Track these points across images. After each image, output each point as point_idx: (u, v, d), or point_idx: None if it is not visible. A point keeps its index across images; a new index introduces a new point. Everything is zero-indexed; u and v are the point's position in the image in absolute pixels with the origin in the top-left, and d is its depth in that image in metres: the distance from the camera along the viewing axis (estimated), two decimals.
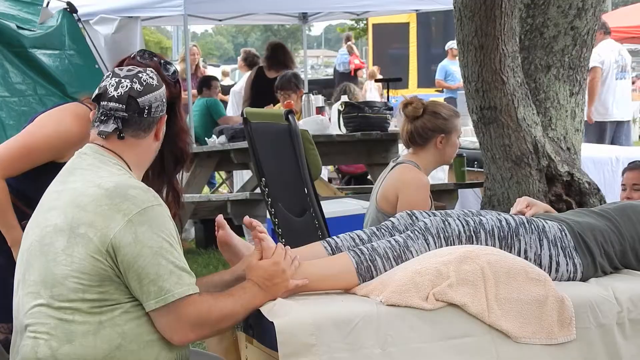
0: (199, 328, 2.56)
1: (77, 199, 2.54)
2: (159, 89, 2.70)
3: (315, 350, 2.62)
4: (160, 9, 9.81)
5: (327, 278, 2.90)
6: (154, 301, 2.49)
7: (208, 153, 7.20)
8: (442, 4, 10.55)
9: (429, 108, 4.17)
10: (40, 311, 2.52)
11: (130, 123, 2.66)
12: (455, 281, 2.77)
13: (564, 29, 4.81)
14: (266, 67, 8.74)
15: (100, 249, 2.48)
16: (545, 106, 4.82)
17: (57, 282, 2.50)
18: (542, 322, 2.82)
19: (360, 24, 33.39)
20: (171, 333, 2.54)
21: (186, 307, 2.52)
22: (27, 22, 6.41)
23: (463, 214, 3.23)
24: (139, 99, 2.64)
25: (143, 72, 2.69)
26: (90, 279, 2.49)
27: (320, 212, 4.20)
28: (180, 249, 2.58)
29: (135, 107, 2.64)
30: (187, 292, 2.52)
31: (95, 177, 2.57)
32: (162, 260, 2.49)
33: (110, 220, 2.49)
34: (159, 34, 41.48)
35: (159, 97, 2.69)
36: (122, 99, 2.63)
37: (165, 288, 2.49)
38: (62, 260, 2.50)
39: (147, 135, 2.70)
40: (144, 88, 2.65)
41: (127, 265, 2.48)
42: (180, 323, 2.52)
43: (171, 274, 2.49)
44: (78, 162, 2.67)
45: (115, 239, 2.48)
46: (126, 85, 2.64)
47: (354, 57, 18.76)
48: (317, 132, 6.35)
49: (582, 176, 4.73)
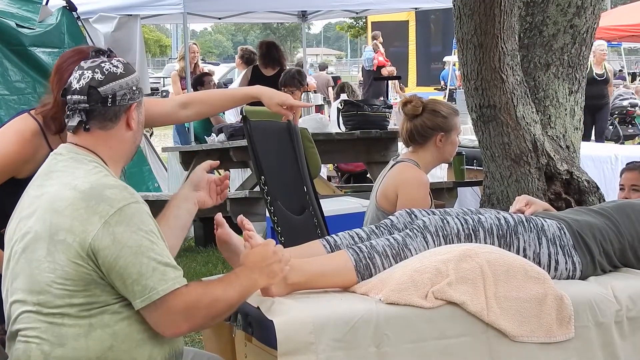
0: (191, 318, 2.50)
1: (54, 203, 2.50)
2: (125, 76, 2.62)
3: (314, 349, 2.62)
4: (160, 7, 9.81)
5: (326, 275, 2.90)
6: (139, 300, 2.45)
7: (207, 151, 7.19)
8: (441, 2, 10.57)
9: (428, 106, 4.17)
10: (29, 316, 2.50)
11: (95, 114, 2.59)
12: (455, 279, 2.77)
13: (563, 27, 4.81)
14: (262, 65, 8.77)
15: (81, 253, 2.45)
16: (545, 104, 4.82)
17: (43, 290, 2.48)
18: (541, 321, 2.83)
19: (359, 22, 33.42)
20: (163, 327, 2.50)
21: (173, 301, 2.47)
22: (27, 20, 6.41)
23: (462, 212, 3.23)
24: (100, 88, 2.57)
25: (107, 62, 2.63)
26: (75, 284, 2.46)
27: (319, 211, 4.20)
28: (164, 244, 2.53)
29: (97, 97, 2.58)
30: (173, 287, 2.47)
31: (71, 179, 2.53)
32: (143, 259, 2.45)
33: (87, 224, 2.45)
34: (158, 32, 41.47)
35: (125, 85, 2.61)
36: (83, 91, 2.58)
37: (149, 286, 2.44)
38: (45, 267, 2.47)
39: (116, 125, 2.62)
40: (105, 77, 2.58)
41: (108, 267, 2.45)
42: (169, 316, 2.48)
43: (154, 271, 2.45)
44: (54, 164, 2.63)
45: (94, 242, 2.44)
46: (87, 76, 2.59)
47: (378, 54, 18.74)
48: (316, 131, 6.36)
49: (581, 174, 4.73)
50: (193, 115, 3.63)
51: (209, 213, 6.91)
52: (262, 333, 2.80)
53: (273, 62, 8.73)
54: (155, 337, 2.56)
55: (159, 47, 44.19)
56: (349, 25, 36.58)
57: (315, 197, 4.20)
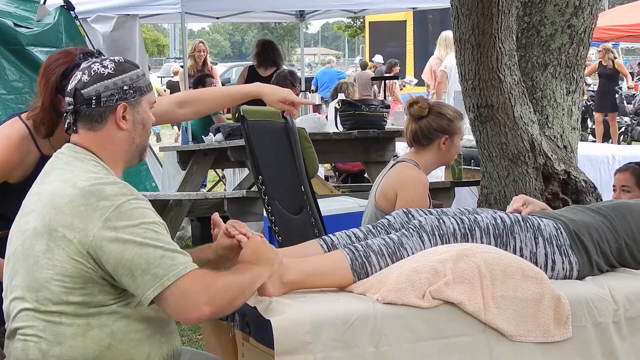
0: (211, 299, 2.44)
1: (53, 200, 2.50)
2: (113, 77, 2.60)
3: (312, 348, 2.62)
4: (158, 7, 9.80)
5: (322, 274, 2.91)
6: (151, 290, 2.41)
7: (205, 151, 7.20)
8: (439, 2, 10.57)
9: (434, 108, 4.18)
10: (27, 315, 2.50)
11: (81, 116, 2.60)
12: (452, 279, 2.77)
13: (561, 27, 4.81)
14: (257, 65, 8.77)
15: (81, 251, 2.44)
16: (542, 104, 4.82)
17: (42, 286, 2.47)
18: (538, 320, 2.83)
19: (357, 22, 33.42)
20: (185, 313, 2.44)
21: (188, 283, 2.42)
22: (24, 19, 6.41)
23: (459, 212, 3.24)
24: (83, 90, 2.58)
25: (97, 62, 2.63)
26: (73, 281, 2.45)
27: (317, 210, 4.20)
28: (169, 236, 2.50)
29: (81, 98, 2.58)
30: (185, 271, 2.43)
31: (71, 176, 2.53)
32: (149, 249, 2.42)
33: (88, 221, 2.44)
34: (156, 32, 41.47)
35: (112, 85, 2.59)
36: (71, 92, 2.60)
37: (160, 274, 2.41)
38: (44, 264, 2.47)
39: (104, 125, 2.60)
40: (90, 78, 2.58)
41: (115, 263, 2.42)
42: (188, 299, 2.42)
43: (162, 258, 2.42)
44: (55, 162, 2.63)
45: (95, 239, 2.43)
46: (77, 78, 2.61)
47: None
48: (314, 130, 6.37)
49: (579, 174, 4.73)
50: (190, 114, 3.61)
51: (206, 213, 6.95)
52: (259, 333, 2.80)
53: (268, 61, 8.72)
54: (153, 337, 2.56)
55: (157, 47, 44.19)
56: (347, 25, 36.59)
57: (312, 197, 4.20)
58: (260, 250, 2.72)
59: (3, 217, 3.15)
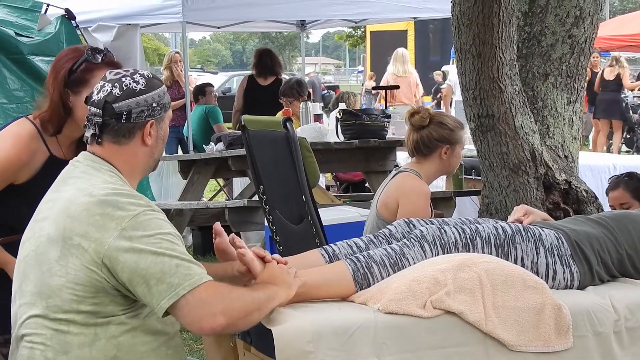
0: (226, 309, 2.42)
1: (68, 208, 2.49)
2: (145, 93, 2.59)
3: (313, 358, 2.61)
4: (159, 16, 9.81)
5: (324, 285, 2.90)
6: (166, 299, 2.39)
7: (206, 160, 7.20)
8: (439, 12, 10.58)
9: (435, 118, 4.19)
10: (36, 322, 2.50)
11: (108, 129, 2.59)
12: (453, 289, 2.77)
13: (562, 37, 4.81)
14: (256, 75, 8.76)
15: (96, 260, 2.43)
16: (543, 114, 4.82)
17: (53, 293, 2.47)
18: (539, 330, 2.82)
19: (358, 32, 33.43)
20: (200, 322, 2.40)
21: (204, 292, 2.40)
22: (25, 28, 6.41)
23: (460, 221, 3.23)
24: (115, 104, 2.56)
25: (127, 76, 2.60)
26: (85, 290, 2.45)
27: (318, 220, 4.20)
28: (183, 246, 2.49)
29: (111, 112, 2.56)
30: (201, 281, 2.41)
31: (88, 185, 2.52)
32: (164, 258, 2.41)
33: (103, 230, 2.43)
34: (157, 41, 41.49)
35: (143, 102, 2.58)
36: (99, 104, 2.57)
37: (175, 283, 2.39)
38: (56, 271, 2.46)
39: (130, 140, 2.61)
40: (122, 93, 2.56)
41: (130, 272, 2.41)
42: (204, 308, 2.40)
43: (178, 268, 2.40)
44: (72, 170, 2.63)
45: (110, 249, 2.42)
46: (106, 90, 2.58)
47: None
48: (315, 140, 6.36)
49: (580, 184, 4.73)
50: None
51: (207, 222, 6.95)
52: (260, 342, 2.80)
53: (267, 70, 8.71)
54: (159, 349, 2.55)
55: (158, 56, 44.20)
56: (348, 35, 36.59)
57: (313, 206, 4.20)
58: (278, 273, 2.71)
59: (6, 226, 3.15)
